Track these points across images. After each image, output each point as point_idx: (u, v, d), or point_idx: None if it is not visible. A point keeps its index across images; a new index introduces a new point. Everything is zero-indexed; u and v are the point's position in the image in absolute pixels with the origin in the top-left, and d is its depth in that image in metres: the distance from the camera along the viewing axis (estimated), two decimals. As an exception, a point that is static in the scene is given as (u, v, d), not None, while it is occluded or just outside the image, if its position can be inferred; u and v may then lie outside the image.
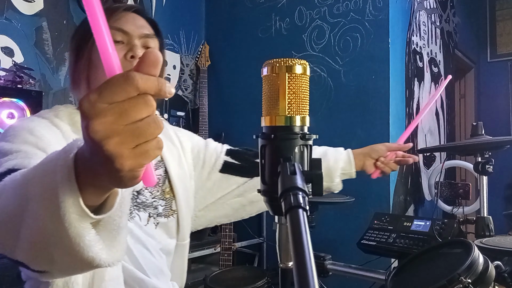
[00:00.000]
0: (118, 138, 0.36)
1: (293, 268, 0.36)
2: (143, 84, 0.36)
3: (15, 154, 0.68)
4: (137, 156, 0.37)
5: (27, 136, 0.75)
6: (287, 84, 0.52)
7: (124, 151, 0.36)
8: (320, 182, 0.50)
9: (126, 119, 0.36)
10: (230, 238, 2.07)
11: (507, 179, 3.79)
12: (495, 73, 4.29)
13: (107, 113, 0.36)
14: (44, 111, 0.89)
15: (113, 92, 0.36)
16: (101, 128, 0.35)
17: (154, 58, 0.37)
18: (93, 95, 0.36)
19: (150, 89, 0.37)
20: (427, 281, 1.09)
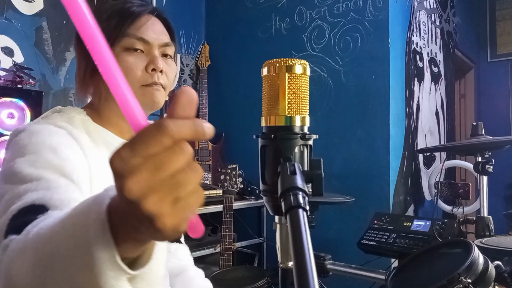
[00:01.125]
0: (156, 195, 0.33)
1: (293, 268, 0.36)
2: (178, 131, 0.33)
3: (36, 184, 0.62)
4: (179, 212, 0.34)
5: (51, 158, 0.68)
6: (287, 84, 0.52)
7: (164, 209, 0.33)
8: (320, 182, 0.50)
9: (162, 173, 0.33)
10: (230, 238, 2.07)
11: (507, 179, 3.79)
12: (495, 73, 4.29)
13: (141, 169, 0.32)
14: (54, 115, 0.82)
15: (147, 145, 0.32)
16: (137, 187, 0.32)
17: (189, 99, 0.35)
18: (125, 151, 0.33)
19: (186, 135, 0.34)
20: (427, 281, 1.10)
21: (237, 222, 2.38)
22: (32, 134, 0.72)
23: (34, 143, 0.70)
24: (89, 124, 0.83)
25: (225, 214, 2.10)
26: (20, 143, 0.70)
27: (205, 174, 2.82)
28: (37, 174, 0.64)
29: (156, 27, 0.86)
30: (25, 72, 1.93)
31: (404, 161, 2.53)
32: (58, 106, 0.86)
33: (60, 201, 0.59)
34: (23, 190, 0.61)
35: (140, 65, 0.82)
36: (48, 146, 0.70)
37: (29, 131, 0.73)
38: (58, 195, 0.60)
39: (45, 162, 0.67)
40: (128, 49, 0.82)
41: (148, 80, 0.82)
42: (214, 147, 2.88)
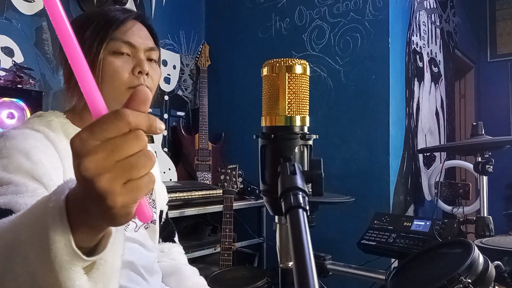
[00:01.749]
0: (109, 174, 0.36)
1: (293, 268, 0.36)
2: (134, 120, 0.37)
3: (5, 188, 0.65)
4: (129, 192, 0.37)
5: (22, 161, 0.71)
6: (287, 84, 0.52)
7: (115, 187, 0.36)
8: (320, 182, 0.50)
9: (117, 155, 0.36)
10: (230, 238, 2.07)
11: (507, 179, 3.79)
12: (495, 73, 4.29)
13: (98, 150, 0.36)
14: (33, 120, 0.85)
15: (105, 129, 0.36)
16: (92, 166, 0.35)
17: (144, 96, 0.38)
18: (84, 133, 0.36)
19: (141, 125, 0.37)
20: (427, 281, 1.10)
21: (237, 222, 2.38)
22: (7, 139, 0.75)
23: (8, 147, 0.73)
24: (68, 127, 0.86)
25: (225, 214, 2.10)
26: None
27: (205, 174, 2.82)
28: (7, 178, 0.67)
29: (141, 32, 0.89)
30: (25, 72, 1.93)
31: (404, 161, 2.53)
32: (39, 112, 0.89)
33: (25, 205, 0.62)
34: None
35: (127, 68, 0.85)
36: (21, 150, 0.73)
37: (5, 136, 0.76)
38: (23, 200, 0.63)
39: (17, 166, 0.70)
40: (115, 53, 0.84)
41: (134, 83, 0.85)
42: (214, 147, 2.88)
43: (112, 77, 0.83)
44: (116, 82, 0.84)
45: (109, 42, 0.83)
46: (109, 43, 0.83)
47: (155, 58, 0.91)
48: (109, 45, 0.83)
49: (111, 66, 0.83)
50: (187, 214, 2.21)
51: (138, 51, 0.86)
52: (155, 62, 0.91)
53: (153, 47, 0.90)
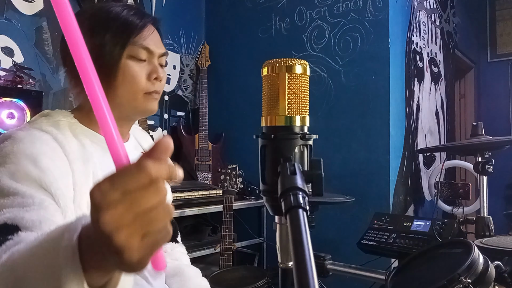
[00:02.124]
0: (128, 229, 0.35)
1: (293, 268, 0.36)
2: (156, 172, 0.36)
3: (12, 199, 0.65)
4: (146, 247, 0.36)
5: (30, 169, 0.70)
6: (287, 84, 0.52)
7: (133, 243, 0.35)
8: (320, 182, 0.50)
9: (137, 208, 0.35)
10: (230, 238, 2.07)
11: (507, 179, 3.79)
12: (495, 73, 4.29)
13: (118, 204, 0.35)
14: (41, 119, 0.83)
15: (126, 182, 0.35)
16: (112, 220, 0.34)
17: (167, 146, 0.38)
18: (105, 185, 0.35)
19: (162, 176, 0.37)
20: (427, 281, 1.10)
21: (237, 222, 2.38)
22: (14, 143, 0.73)
23: (16, 152, 0.72)
24: (76, 127, 0.85)
25: (225, 214, 2.10)
26: (2, 152, 0.72)
27: (205, 174, 2.82)
28: (14, 188, 0.66)
29: (155, 37, 0.89)
30: (25, 72, 1.93)
31: (404, 161, 2.53)
32: (46, 110, 0.88)
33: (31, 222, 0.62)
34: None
35: (144, 74, 0.86)
36: (28, 155, 0.72)
37: (13, 139, 0.75)
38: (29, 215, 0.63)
39: (24, 173, 0.69)
40: (133, 58, 0.85)
41: (150, 89, 0.86)
42: (214, 147, 2.88)
43: (130, 82, 0.84)
44: (133, 87, 0.84)
45: (128, 46, 0.83)
46: (128, 47, 0.83)
47: (164, 63, 0.92)
48: (128, 49, 0.83)
49: (130, 71, 0.84)
50: (187, 214, 2.21)
51: (153, 56, 0.87)
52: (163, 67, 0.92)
53: (165, 52, 0.91)
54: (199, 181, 2.76)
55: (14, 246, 0.51)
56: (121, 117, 0.88)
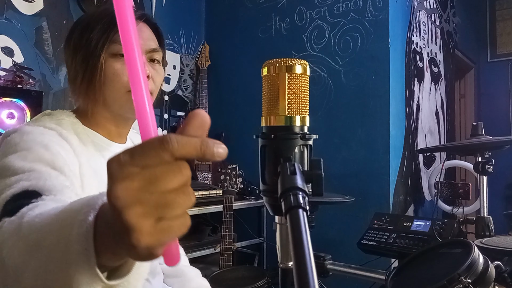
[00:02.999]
0: (140, 208, 0.32)
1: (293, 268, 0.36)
2: (180, 150, 0.32)
3: (27, 174, 0.63)
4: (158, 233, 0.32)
5: (42, 152, 0.70)
6: (287, 84, 0.52)
7: (143, 225, 0.32)
8: (320, 182, 0.50)
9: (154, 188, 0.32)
10: (230, 238, 2.07)
11: (507, 179, 3.79)
12: (495, 73, 4.29)
13: (134, 178, 0.32)
14: (44, 118, 0.84)
15: (146, 156, 0.32)
16: (124, 194, 0.31)
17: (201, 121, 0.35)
18: (124, 156, 0.32)
19: (190, 154, 0.33)
20: (427, 281, 1.09)
21: (237, 222, 2.38)
22: (23, 134, 0.74)
23: (26, 140, 0.72)
24: (78, 126, 0.86)
25: (225, 214, 2.10)
26: (11, 142, 0.72)
27: (205, 174, 2.82)
28: (28, 167, 0.65)
29: (144, 33, 0.87)
30: (25, 72, 1.93)
31: (404, 161, 2.53)
32: (47, 110, 0.89)
33: (52, 186, 0.61)
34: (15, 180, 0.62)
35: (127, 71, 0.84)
36: (39, 142, 0.72)
37: (20, 131, 0.75)
38: (50, 182, 0.62)
39: (37, 156, 0.68)
40: (115, 55, 0.83)
41: None
42: (214, 147, 2.87)
43: (112, 80, 0.83)
44: (116, 85, 0.83)
45: (110, 44, 0.82)
46: (110, 46, 0.82)
47: (158, 58, 0.89)
48: (110, 48, 0.83)
49: (111, 69, 0.83)
50: (187, 214, 2.21)
51: None
52: (158, 63, 0.90)
53: (156, 48, 0.88)
54: (199, 181, 2.76)
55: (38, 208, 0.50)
56: (113, 116, 0.88)
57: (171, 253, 0.36)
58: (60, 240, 0.39)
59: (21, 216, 0.48)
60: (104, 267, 0.39)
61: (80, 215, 0.39)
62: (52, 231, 0.41)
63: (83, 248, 0.37)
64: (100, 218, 0.38)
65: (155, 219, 0.32)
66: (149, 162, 0.32)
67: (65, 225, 0.40)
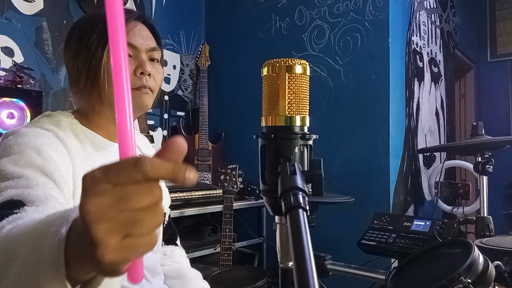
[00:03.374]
0: (109, 224, 0.32)
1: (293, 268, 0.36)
2: (153, 172, 0.34)
3: (16, 181, 0.65)
4: (123, 249, 0.33)
5: (34, 157, 0.71)
6: (287, 84, 0.52)
7: (110, 241, 0.32)
8: (320, 182, 0.50)
9: (123, 205, 0.33)
10: (230, 238, 2.07)
11: (507, 179, 3.79)
12: (495, 73, 4.29)
13: (106, 195, 0.33)
14: (43, 119, 0.85)
15: (119, 174, 0.33)
16: (94, 209, 0.32)
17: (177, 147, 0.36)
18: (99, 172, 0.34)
19: (161, 177, 0.34)
20: (427, 281, 1.10)
21: (237, 222, 2.38)
22: (19, 136, 0.75)
23: (20, 143, 0.73)
24: (76, 127, 0.86)
25: (225, 214, 2.10)
26: (6, 145, 0.74)
27: (205, 174, 2.82)
28: (18, 172, 0.67)
29: (143, 32, 0.89)
30: (25, 72, 1.93)
31: (404, 161, 2.53)
32: (47, 111, 0.90)
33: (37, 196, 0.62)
34: (4, 186, 0.64)
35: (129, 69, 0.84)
36: (32, 146, 0.73)
37: (17, 133, 0.76)
38: (35, 192, 0.63)
39: (28, 161, 0.70)
40: None
41: (137, 83, 0.85)
42: (214, 147, 2.88)
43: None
44: None
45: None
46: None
47: (157, 58, 0.91)
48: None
49: None
50: (187, 214, 2.21)
51: (139, 52, 0.86)
52: (157, 62, 0.91)
53: (155, 47, 0.90)
54: (199, 181, 2.76)
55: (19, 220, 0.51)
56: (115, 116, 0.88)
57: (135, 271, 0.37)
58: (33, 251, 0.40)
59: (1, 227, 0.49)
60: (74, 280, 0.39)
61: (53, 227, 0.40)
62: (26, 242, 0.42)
63: (54, 259, 0.38)
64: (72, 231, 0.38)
65: (122, 236, 0.33)
66: (121, 181, 0.33)
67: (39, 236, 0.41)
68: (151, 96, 0.88)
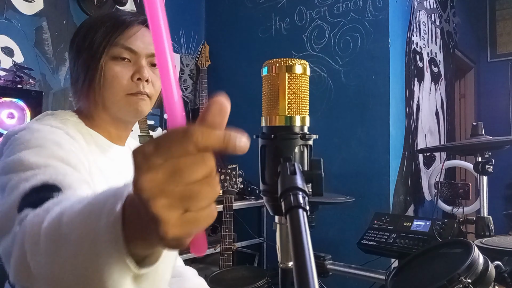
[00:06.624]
0: (166, 200, 0.32)
1: (293, 268, 0.36)
2: (204, 141, 0.33)
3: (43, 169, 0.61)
4: (185, 225, 0.33)
5: (56, 149, 0.68)
6: (287, 84, 0.52)
7: (170, 217, 0.32)
8: (320, 182, 0.50)
9: (178, 179, 0.32)
10: (230, 238, 2.07)
11: (507, 179, 3.79)
12: (495, 73, 4.29)
13: (159, 170, 0.32)
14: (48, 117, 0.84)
15: (170, 147, 0.32)
16: (149, 186, 0.32)
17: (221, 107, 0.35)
18: (149, 147, 0.32)
19: (213, 146, 0.33)
20: (427, 281, 1.10)
21: (237, 222, 2.38)
22: (33, 131, 0.73)
23: (37, 137, 0.71)
24: (81, 126, 0.86)
25: (225, 214, 2.10)
26: (22, 139, 0.71)
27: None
28: (43, 162, 0.64)
29: (145, 37, 0.88)
30: (25, 72, 1.93)
31: (404, 161, 2.53)
32: (49, 111, 0.89)
33: (71, 181, 0.60)
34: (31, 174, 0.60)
35: (126, 74, 0.84)
36: (51, 139, 0.71)
37: (29, 129, 0.74)
38: (69, 177, 0.61)
39: (51, 153, 0.67)
40: (116, 58, 0.84)
41: (133, 89, 0.85)
42: (214, 147, 2.87)
43: (111, 83, 0.83)
44: (115, 88, 0.84)
45: (111, 47, 0.83)
46: (111, 49, 0.83)
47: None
48: (111, 51, 0.83)
49: (111, 71, 0.83)
50: (187, 214, 2.21)
51: (139, 57, 0.86)
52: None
53: None
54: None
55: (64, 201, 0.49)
56: (112, 119, 0.89)
57: (198, 243, 0.37)
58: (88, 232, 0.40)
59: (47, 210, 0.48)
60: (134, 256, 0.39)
61: (107, 206, 0.39)
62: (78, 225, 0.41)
63: (112, 237, 0.38)
64: (128, 207, 0.38)
65: (181, 211, 0.32)
66: (173, 154, 0.32)
67: (92, 217, 0.40)
68: (147, 102, 0.87)
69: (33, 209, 0.50)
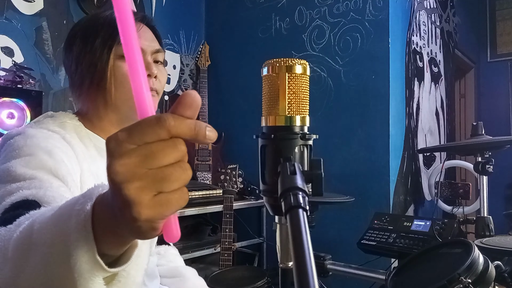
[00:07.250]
0: (139, 182, 0.33)
1: (293, 268, 0.36)
2: (176, 127, 0.34)
3: (29, 182, 0.62)
4: (157, 206, 0.34)
5: (46, 159, 0.69)
6: (287, 84, 0.52)
7: (143, 198, 0.33)
8: (320, 182, 0.50)
9: (151, 163, 0.34)
10: (230, 238, 2.07)
11: (507, 179, 3.79)
12: (495, 73, 4.29)
13: (132, 155, 0.33)
14: (46, 120, 0.84)
15: (143, 133, 0.34)
16: (122, 170, 0.33)
17: (191, 100, 0.36)
18: (122, 134, 0.34)
19: (184, 133, 0.35)
20: (427, 281, 1.10)
21: (237, 222, 2.38)
22: (27, 137, 0.73)
23: (29, 145, 0.71)
24: (81, 129, 0.85)
25: (225, 214, 2.10)
26: (15, 145, 0.71)
27: (205, 174, 2.82)
28: (30, 174, 0.64)
29: (147, 34, 0.88)
30: (25, 72, 1.93)
31: (404, 161, 2.53)
32: (49, 112, 0.89)
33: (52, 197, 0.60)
34: (16, 187, 0.61)
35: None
36: (43, 148, 0.71)
37: (24, 134, 0.74)
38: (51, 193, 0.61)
39: (40, 163, 0.68)
40: (123, 56, 0.83)
41: None
42: (214, 147, 2.88)
43: (122, 82, 0.83)
44: (126, 86, 0.83)
45: (117, 46, 0.83)
46: (116, 48, 0.83)
47: (161, 59, 0.90)
48: (117, 49, 0.83)
49: (120, 70, 0.83)
50: (187, 214, 2.21)
51: (145, 54, 0.86)
52: (161, 64, 0.91)
53: (159, 49, 0.89)
54: (199, 181, 2.76)
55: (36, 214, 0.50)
56: (121, 119, 0.88)
57: (171, 229, 0.38)
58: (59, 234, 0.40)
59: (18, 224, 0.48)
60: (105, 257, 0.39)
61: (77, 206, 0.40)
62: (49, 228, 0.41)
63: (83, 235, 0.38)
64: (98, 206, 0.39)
65: (154, 193, 0.34)
66: (146, 139, 0.34)
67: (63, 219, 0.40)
68: (156, 98, 0.88)
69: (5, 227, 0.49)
